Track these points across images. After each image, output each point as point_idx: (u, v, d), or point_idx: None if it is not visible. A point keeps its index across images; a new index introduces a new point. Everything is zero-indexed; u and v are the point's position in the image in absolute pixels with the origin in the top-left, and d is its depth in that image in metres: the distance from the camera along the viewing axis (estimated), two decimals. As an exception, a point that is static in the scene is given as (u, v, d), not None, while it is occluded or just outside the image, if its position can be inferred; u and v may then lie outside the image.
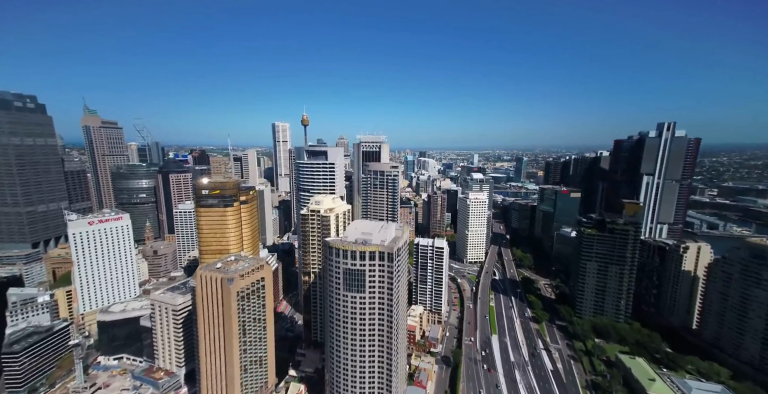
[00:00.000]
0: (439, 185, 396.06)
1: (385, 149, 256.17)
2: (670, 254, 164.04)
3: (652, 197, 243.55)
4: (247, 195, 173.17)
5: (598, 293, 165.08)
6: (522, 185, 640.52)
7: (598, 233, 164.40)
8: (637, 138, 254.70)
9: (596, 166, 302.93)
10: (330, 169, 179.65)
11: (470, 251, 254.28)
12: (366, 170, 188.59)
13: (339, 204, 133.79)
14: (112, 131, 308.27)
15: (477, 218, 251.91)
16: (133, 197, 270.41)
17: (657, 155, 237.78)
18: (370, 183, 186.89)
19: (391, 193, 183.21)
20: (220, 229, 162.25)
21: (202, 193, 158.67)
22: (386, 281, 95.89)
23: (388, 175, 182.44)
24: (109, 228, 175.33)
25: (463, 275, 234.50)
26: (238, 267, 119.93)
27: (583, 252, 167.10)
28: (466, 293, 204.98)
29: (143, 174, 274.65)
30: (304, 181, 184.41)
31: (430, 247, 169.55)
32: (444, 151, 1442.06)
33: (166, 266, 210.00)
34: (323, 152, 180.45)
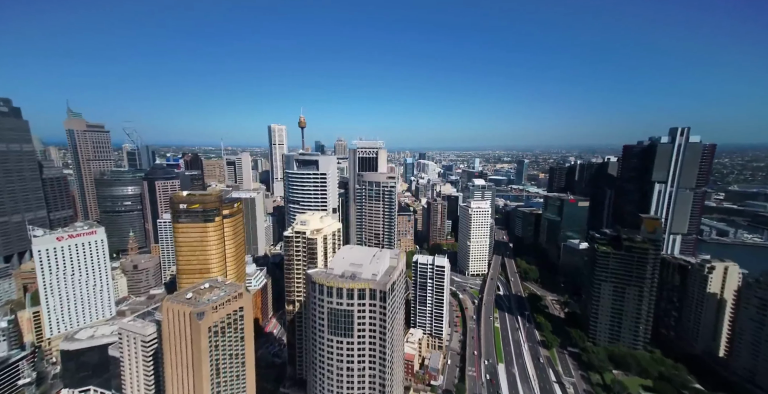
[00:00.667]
0: (439, 190, 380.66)
1: (383, 155, 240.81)
2: (693, 273, 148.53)
3: (664, 206, 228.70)
4: (231, 208, 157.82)
5: (614, 316, 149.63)
6: (523, 188, 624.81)
7: (613, 251, 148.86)
8: (647, 143, 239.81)
9: (603, 173, 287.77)
10: (321, 180, 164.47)
11: (472, 263, 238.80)
12: (360, 181, 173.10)
13: (328, 223, 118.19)
14: (97, 135, 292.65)
15: (479, 229, 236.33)
16: (117, 204, 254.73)
17: (670, 162, 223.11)
18: (364, 194, 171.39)
19: (388, 205, 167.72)
20: (200, 246, 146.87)
21: (179, 207, 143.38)
22: (378, 323, 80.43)
23: (384, 186, 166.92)
24: (81, 243, 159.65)
25: (465, 290, 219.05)
26: (212, 297, 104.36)
27: (597, 271, 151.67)
28: (468, 311, 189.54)
29: (128, 180, 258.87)
30: (294, 192, 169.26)
31: (429, 265, 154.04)
32: (444, 152, 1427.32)
33: (148, 281, 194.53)
34: (314, 161, 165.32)
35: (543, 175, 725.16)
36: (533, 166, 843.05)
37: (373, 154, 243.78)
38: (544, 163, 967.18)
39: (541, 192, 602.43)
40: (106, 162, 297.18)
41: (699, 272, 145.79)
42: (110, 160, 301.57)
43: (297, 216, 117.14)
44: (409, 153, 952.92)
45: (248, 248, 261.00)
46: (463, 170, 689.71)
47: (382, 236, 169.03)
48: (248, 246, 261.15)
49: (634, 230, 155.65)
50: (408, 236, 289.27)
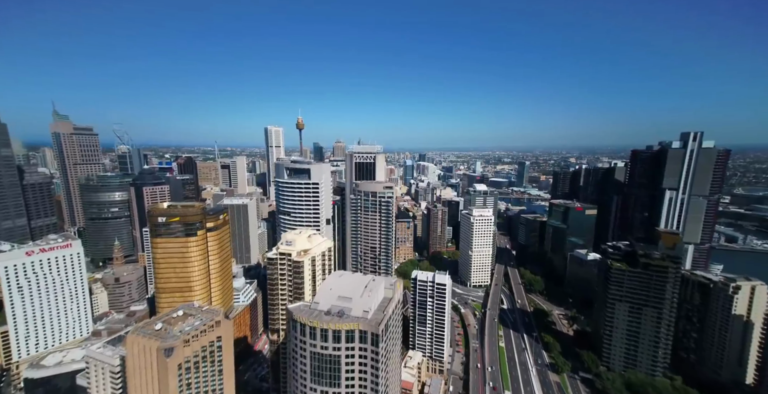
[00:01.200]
0: (439, 194, 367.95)
1: (381, 160, 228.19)
2: (716, 293, 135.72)
3: (675, 214, 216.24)
4: (216, 220, 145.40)
5: (629, 339, 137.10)
6: (525, 191, 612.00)
7: (629, 269, 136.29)
8: (657, 148, 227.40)
9: (610, 179, 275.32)
10: (314, 191, 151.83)
11: (474, 274, 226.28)
12: (356, 191, 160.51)
13: (317, 242, 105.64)
14: (85, 138, 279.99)
15: (482, 238, 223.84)
16: (103, 211, 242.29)
17: (681, 168, 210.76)
18: (360, 205, 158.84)
19: (385, 217, 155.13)
20: (180, 263, 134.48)
21: (158, 220, 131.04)
22: (370, 371, 67.98)
23: (381, 197, 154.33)
24: (54, 258, 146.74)
25: (467, 303, 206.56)
26: (185, 327, 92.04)
27: (610, 290, 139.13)
28: (471, 328, 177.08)
29: (116, 186, 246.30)
30: (285, 202, 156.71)
31: (430, 283, 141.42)
32: (444, 153, 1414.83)
33: (131, 295, 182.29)
34: (306, 170, 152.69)
35: (544, 177, 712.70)
36: (534, 168, 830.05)
37: (371, 159, 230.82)
38: (545, 165, 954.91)
39: (543, 195, 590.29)
40: (95, 166, 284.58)
41: (723, 291, 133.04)
42: (99, 164, 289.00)
43: (282, 235, 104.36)
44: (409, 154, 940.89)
45: (240, 256, 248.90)
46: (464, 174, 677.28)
47: (378, 249, 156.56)
48: (240, 255, 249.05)
49: (650, 245, 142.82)
50: (407, 243, 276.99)
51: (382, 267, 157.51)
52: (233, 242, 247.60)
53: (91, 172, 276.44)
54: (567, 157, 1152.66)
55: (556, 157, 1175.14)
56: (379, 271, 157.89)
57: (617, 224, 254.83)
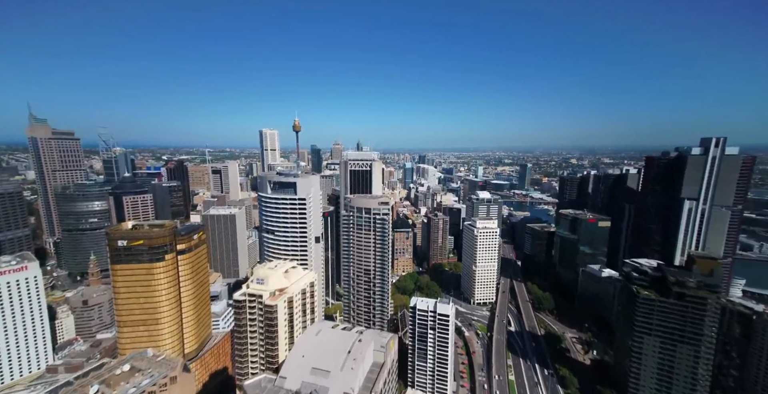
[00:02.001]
0: (440, 200, 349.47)
1: (377, 168, 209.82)
2: (760, 325, 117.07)
3: (695, 225, 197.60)
4: (189, 241, 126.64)
5: (661, 379, 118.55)
6: (527, 194, 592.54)
7: (659, 298, 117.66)
8: (674, 155, 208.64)
9: (621, 186, 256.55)
10: (300, 207, 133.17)
11: (478, 290, 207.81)
12: (348, 206, 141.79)
13: (297, 277, 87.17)
14: (65, 143, 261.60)
15: (486, 251, 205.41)
16: (81, 221, 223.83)
17: (702, 177, 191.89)
18: (352, 223, 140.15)
19: (380, 236, 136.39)
20: (145, 291, 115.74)
21: (117, 245, 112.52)
22: None
23: (376, 214, 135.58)
24: (6, 283, 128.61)
25: (471, 324, 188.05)
26: (130, 388, 74.00)
27: (637, 322, 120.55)
28: (476, 356, 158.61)
29: (95, 194, 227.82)
30: (268, 220, 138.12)
31: (431, 313, 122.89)
32: (444, 154, 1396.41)
33: (101, 319, 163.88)
34: (291, 184, 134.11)
35: (546, 179, 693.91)
36: (535, 169, 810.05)
37: (367, 166, 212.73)
38: (546, 166, 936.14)
39: (545, 198, 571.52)
40: (76, 173, 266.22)
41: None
42: (81, 171, 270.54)
43: (255, 270, 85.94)
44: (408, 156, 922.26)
45: (228, 270, 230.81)
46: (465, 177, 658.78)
47: (373, 272, 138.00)
48: (228, 268, 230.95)
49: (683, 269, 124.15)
50: (406, 254, 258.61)
51: (376, 292, 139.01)
52: (219, 255, 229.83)
53: (72, 180, 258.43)
54: (568, 157, 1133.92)
55: (557, 157, 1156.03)
56: (374, 296, 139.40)
57: (630, 235, 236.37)
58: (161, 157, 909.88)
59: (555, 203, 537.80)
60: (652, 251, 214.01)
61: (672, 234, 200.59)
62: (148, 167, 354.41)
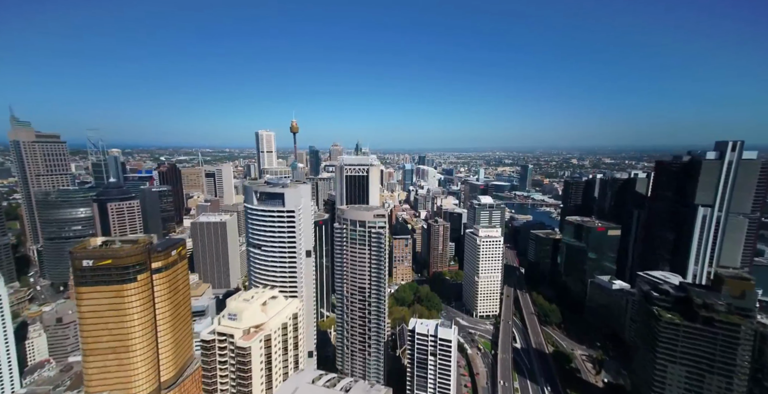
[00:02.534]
0: (440, 204, 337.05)
1: (375, 173, 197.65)
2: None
3: (710, 234, 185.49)
4: (166, 258, 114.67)
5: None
6: (528, 195, 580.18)
7: (684, 323, 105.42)
8: (687, 159, 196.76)
9: (629, 191, 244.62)
10: (288, 220, 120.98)
11: (481, 302, 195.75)
12: (341, 219, 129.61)
13: (277, 309, 75.15)
14: (50, 146, 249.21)
15: (490, 261, 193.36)
16: (64, 229, 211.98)
17: (718, 182, 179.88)
18: (345, 236, 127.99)
19: (376, 252, 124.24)
20: (115, 316, 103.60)
21: (82, 265, 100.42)
22: None
23: (371, 227, 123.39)
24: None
25: (473, 340, 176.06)
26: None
27: (660, 347, 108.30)
28: (480, 377, 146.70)
29: (79, 201, 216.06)
30: (255, 233, 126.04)
31: (431, 337, 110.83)
32: (444, 154, 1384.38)
33: (77, 338, 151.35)
34: (278, 195, 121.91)
35: (547, 180, 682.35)
36: (536, 170, 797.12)
37: (364, 172, 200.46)
38: (547, 166, 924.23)
39: (547, 200, 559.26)
40: (62, 178, 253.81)
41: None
42: (66, 175, 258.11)
43: (228, 302, 73.59)
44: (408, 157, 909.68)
45: (219, 280, 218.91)
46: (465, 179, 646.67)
47: (368, 290, 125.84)
48: (219, 278, 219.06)
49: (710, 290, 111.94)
50: (405, 262, 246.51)
51: (372, 311, 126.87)
52: (210, 264, 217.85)
53: (57, 184, 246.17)
54: (568, 158, 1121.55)
55: (557, 158, 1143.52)
56: (369, 317, 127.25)
57: (640, 243, 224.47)
58: (159, 157, 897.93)
59: (557, 205, 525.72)
60: (663, 260, 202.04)
61: (685, 243, 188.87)
62: (139, 171, 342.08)
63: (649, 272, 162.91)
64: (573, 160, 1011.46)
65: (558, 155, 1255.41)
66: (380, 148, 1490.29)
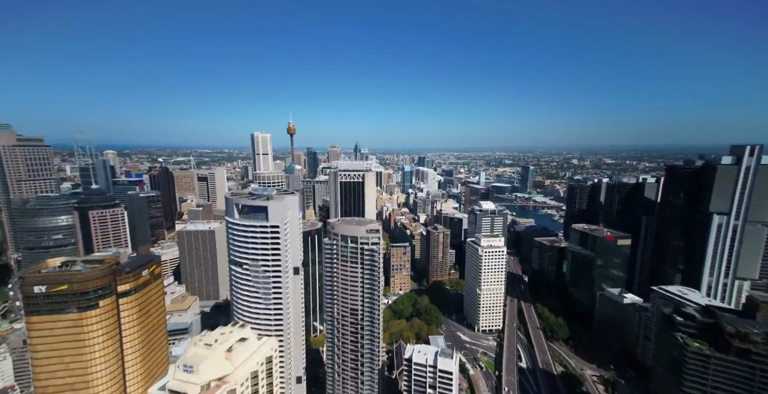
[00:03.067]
0: (440, 208, 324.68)
1: (370, 180, 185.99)
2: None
3: (726, 243, 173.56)
4: (136, 279, 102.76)
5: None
6: (530, 197, 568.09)
7: (715, 355, 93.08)
8: (700, 164, 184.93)
9: (638, 196, 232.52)
10: (272, 236, 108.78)
11: (483, 316, 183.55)
12: (331, 233, 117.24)
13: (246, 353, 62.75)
14: (32, 150, 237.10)
15: (492, 273, 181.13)
16: (43, 239, 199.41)
17: (734, 189, 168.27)
18: (336, 253, 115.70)
19: (369, 270, 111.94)
20: (72, 350, 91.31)
21: (33, 291, 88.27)
22: None
23: (364, 243, 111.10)
24: None
25: (476, 358, 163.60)
26: None
27: (687, 380, 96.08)
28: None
29: (60, 208, 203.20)
30: (236, 250, 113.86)
31: (430, 368, 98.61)
32: (443, 154, 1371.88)
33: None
34: (261, 208, 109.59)
35: (549, 181, 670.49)
36: (537, 171, 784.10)
37: (359, 178, 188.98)
38: (547, 167, 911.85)
39: (549, 202, 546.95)
40: (45, 183, 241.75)
41: None
42: (50, 181, 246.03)
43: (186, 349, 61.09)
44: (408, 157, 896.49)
45: (208, 292, 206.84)
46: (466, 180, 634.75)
47: (361, 312, 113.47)
48: (208, 290, 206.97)
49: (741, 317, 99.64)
50: (403, 271, 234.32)
51: (365, 336, 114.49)
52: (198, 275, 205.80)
53: (40, 190, 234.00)
54: (569, 158, 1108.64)
55: (558, 158, 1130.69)
56: (362, 341, 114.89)
57: (649, 251, 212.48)
58: (157, 158, 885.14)
59: (559, 207, 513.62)
60: (674, 270, 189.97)
61: (698, 252, 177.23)
62: (129, 175, 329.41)
63: (664, 287, 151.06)
64: (573, 161, 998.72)
65: (558, 155, 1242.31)
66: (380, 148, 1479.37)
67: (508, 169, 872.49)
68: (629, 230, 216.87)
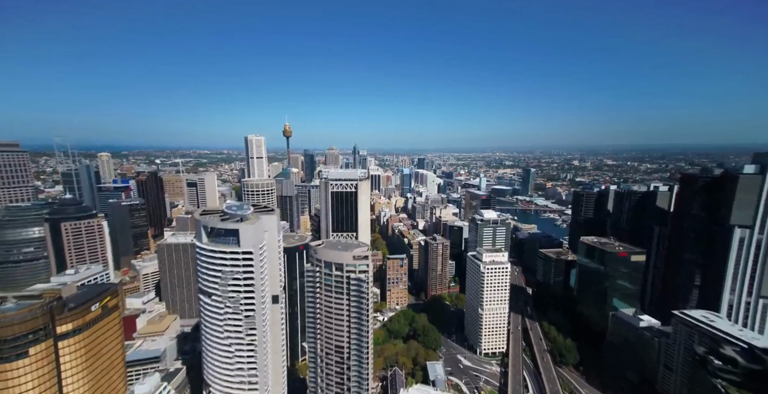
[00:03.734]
0: (439, 215, 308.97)
1: (364, 189, 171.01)
2: None
3: (749, 259, 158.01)
4: (84, 315, 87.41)
5: None
6: (531, 200, 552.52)
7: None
8: (720, 172, 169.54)
9: (649, 206, 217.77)
10: (245, 264, 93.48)
11: (486, 338, 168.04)
12: (313, 259, 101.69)
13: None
14: (8, 156, 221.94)
15: (496, 292, 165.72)
16: (12, 253, 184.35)
17: (758, 200, 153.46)
18: (319, 281, 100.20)
19: (356, 302, 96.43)
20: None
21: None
22: None
23: (351, 271, 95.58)
24: None
25: (478, 387, 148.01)
26: None
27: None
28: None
29: (32, 219, 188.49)
30: (206, 279, 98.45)
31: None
32: (443, 155, 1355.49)
33: None
34: (232, 232, 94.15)
35: (550, 184, 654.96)
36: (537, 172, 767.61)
37: (352, 187, 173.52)
38: (548, 169, 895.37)
39: (550, 205, 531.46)
40: (22, 190, 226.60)
41: None
42: (27, 188, 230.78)
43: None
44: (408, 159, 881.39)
45: (189, 309, 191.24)
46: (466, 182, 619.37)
47: (347, 349, 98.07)
48: (189, 307, 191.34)
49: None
50: (400, 285, 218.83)
51: (352, 377, 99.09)
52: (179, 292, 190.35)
53: (15, 198, 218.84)
54: (569, 159, 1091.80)
55: (558, 159, 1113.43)
56: (348, 384, 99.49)
57: (661, 264, 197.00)
58: (155, 160, 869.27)
59: (561, 211, 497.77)
60: (690, 286, 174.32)
61: (717, 268, 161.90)
62: (114, 180, 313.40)
63: (686, 312, 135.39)
64: (574, 162, 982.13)
65: (558, 156, 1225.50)
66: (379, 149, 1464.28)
67: (508, 171, 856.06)
68: (639, 241, 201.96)
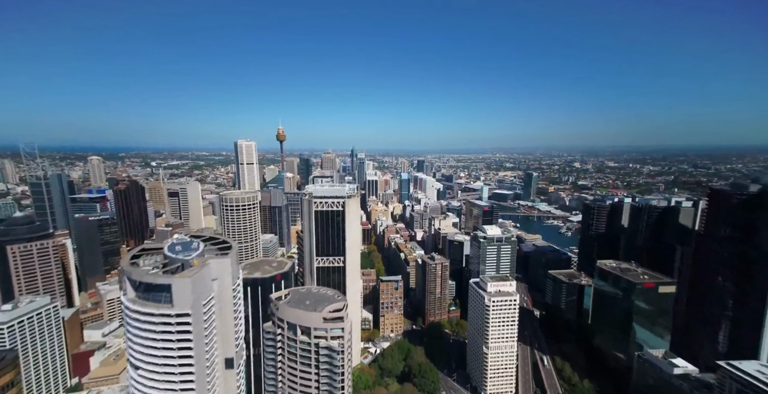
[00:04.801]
0: (438, 226, 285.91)
1: (353, 207, 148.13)
2: None
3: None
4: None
5: None
6: (533, 206, 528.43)
7: None
8: (756, 188, 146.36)
9: (670, 223, 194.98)
10: (179, 330, 70.22)
11: (492, 380, 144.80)
12: (275, 317, 78.31)
13: None
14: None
15: (503, 328, 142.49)
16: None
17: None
18: (281, 348, 76.85)
19: (326, 380, 73.00)
20: None
21: None
22: None
23: (320, 338, 72.16)
24: None
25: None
26: None
27: None
28: None
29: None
30: (134, 347, 74.85)
31: None
32: (443, 156, 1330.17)
33: None
34: (164, 287, 70.50)
35: (553, 188, 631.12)
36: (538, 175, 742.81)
37: (338, 206, 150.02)
38: (549, 171, 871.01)
39: (554, 211, 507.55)
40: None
41: None
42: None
43: None
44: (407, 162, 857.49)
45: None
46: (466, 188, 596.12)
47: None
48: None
49: None
50: (395, 310, 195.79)
51: None
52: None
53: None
54: (570, 161, 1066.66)
55: (559, 161, 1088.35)
56: None
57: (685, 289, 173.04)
58: (150, 162, 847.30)
59: (565, 217, 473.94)
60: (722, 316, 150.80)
61: (757, 297, 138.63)
62: (89, 191, 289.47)
63: (734, 364, 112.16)
64: (576, 164, 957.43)
65: (559, 157, 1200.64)
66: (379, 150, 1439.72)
67: (509, 174, 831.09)
68: (659, 262, 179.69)
